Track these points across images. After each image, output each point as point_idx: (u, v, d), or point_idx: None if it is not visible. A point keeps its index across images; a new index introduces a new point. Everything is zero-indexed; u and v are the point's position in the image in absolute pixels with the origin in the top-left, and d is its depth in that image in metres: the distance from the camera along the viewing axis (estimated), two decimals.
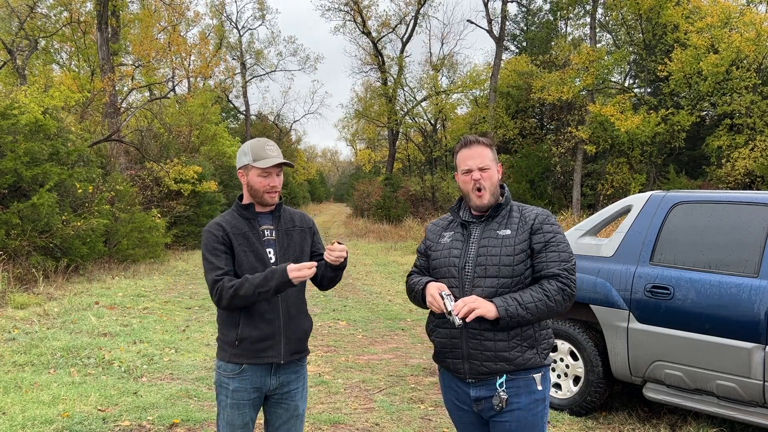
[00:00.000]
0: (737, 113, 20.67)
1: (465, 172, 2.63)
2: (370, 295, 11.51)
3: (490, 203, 2.61)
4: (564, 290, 2.47)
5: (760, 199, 4.45)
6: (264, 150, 2.76)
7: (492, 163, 2.63)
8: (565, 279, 2.49)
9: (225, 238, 2.72)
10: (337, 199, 70.11)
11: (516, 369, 2.50)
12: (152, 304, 9.60)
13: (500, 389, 2.50)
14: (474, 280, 2.53)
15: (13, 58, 20.24)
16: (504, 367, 2.50)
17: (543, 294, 2.45)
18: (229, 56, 41.54)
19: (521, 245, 2.53)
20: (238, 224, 2.78)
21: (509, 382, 2.51)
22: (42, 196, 10.27)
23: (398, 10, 47.03)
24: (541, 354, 2.55)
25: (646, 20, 23.86)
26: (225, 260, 2.70)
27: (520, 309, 2.42)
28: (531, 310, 2.43)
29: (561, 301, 2.47)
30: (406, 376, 6.25)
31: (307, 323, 2.88)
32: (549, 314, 2.48)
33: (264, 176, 2.75)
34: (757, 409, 4.18)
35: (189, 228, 18.73)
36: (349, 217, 34.89)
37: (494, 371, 2.51)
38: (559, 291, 2.46)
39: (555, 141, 26.69)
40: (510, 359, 2.49)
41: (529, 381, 2.52)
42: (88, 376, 5.84)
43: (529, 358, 2.51)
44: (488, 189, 2.61)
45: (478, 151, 2.62)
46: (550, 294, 2.45)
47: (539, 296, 2.45)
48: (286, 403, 2.84)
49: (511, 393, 2.50)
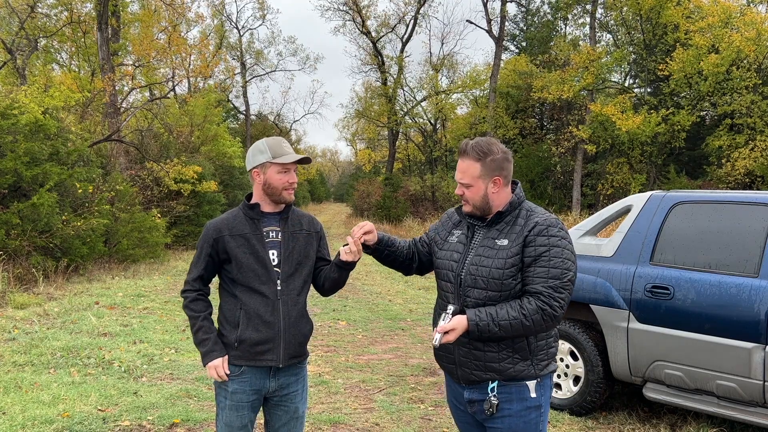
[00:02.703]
0: (737, 113, 20.67)
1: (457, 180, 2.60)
2: (370, 295, 11.51)
3: (476, 213, 2.56)
4: (544, 310, 2.34)
5: (760, 199, 4.44)
6: (281, 147, 2.78)
7: (476, 180, 2.50)
8: (547, 298, 2.35)
9: (219, 240, 2.75)
10: (337, 199, 70.15)
11: (507, 378, 2.45)
12: (152, 304, 9.60)
13: (491, 394, 2.45)
14: (465, 290, 2.49)
15: (13, 57, 20.23)
16: (494, 376, 2.45)
17: (520, 312, 2.34)
18: (229, 56, 41.56)
19: (513, 258, 2.42)
20: (239, 225, 2.77)
21: (501, 388, 2.46)
22: (42, 196, 10.27)
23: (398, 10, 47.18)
24: (537, 365, 2.46)
25: (647, 20, 23.85)
26: (205, 264, 2.80)
27: (492, 325, 2.34)
28: (504, 327, 2.34)
29: (540, 321, 2.35)
30: (406, 376, 6.25)
31: (308, 327, 2.86)
32: (526, 333, 2.38)
33: (284, 172, 2.76)
34: (757, 409, 4.18)
35: (189, 228, 18.72)
36: (349, 217, 34.90)
37: (484, 379, 2.47)
38: (538, 311, 2.34)
39: (555, 141, 26.69)
40: (500, 370, 2.44)
41: (522, 388, 2.45)
42: (88, 376, 5.84)
43: (521, 370, 2.44)
44: (471, 203, 2.54)
45: (464, 166, 2.53)
46: (528, 313, 2.34)
47: (515, 314, 2.34)
48: (285, 405, 2.84)
49: (503, 399, 2.45)
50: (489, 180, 2.50)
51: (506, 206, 2.53)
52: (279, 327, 2.73)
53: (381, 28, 35.12)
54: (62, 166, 11.62)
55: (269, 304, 2.71)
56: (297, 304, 2.79)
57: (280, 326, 2.73)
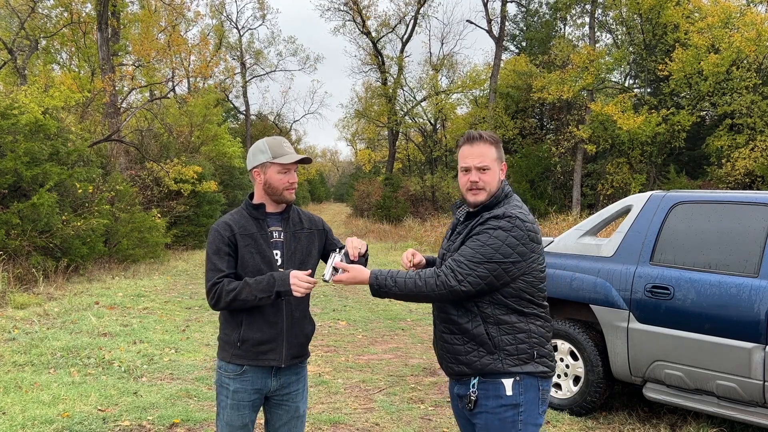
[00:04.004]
0: (737, 113, 20.68)
1: (464, 170, 2.55)
2: (370, 295, 11.50)
3: (487, 202, 2.53)
4: (439, 276, 2.41)
5: (760, 199, 4.45)
6: (282, 147, 2.77)
7: (494, 163, 2.52)
8: (447, 267, 2.42)
9: (232, 239, 2.71)
10: (337, 199, 70.08)
11: (479, 373, 2.48)
12: (152, 304, 9.60)
13: (472, 389, 2.50)
14: None
15: (13, 58, 20.23)
16: (464, 370, 2.51)
17: (417, 275, 2.45)
18: (229, 56, 41.51)
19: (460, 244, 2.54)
20: (246, 224, 2.76)
21: (481, 384, 2.50)
22: (42, 196, 10.27)
23: (398, 10, 47.21)
24: (505, 361, 2.44)
25: (646, 20, 23.86)
26: (227, 262, 2.69)
27: (389, 280, 2.46)
28: (400, 285, 2.44)
29: (433, 286, 2.41)
30: (406, 376, 6.25)
31: (310, 327, 2.87)
32: (418, 293, 2.44)
33: (284, 173, 2.75)
34: (757, 409, 4.18)
35: (189, 228, 18.72)
36: (349, 217, 34.88)
37: (458, 373, 2.54)
38: (434, 275, 2.43)
39: (555, 141, 26.70)
40: (467, 363, 2.49)
41: (497, 385, 2.47)
42: (88, 376, 5.84)
43: (486, 364, 2.45)
44: (487, 190, 2.52)
45: (480, 150, 2.51)
46: (422, 275, 2.44)
47: (413, 275, 2.46)
48: (286, 404, 2.84)
49: (481, 395, 2.49)
50: (499, 165, 2.57)
51: (487, 201, 2.54)
52: (282, 327, 2.73)
53: (381, 28, 35.14)
54: (62, 166, 11.62)
55: (272, 304, 2.70)
56: (300, 305, 2.80)
57: (283, 326, 2.73)
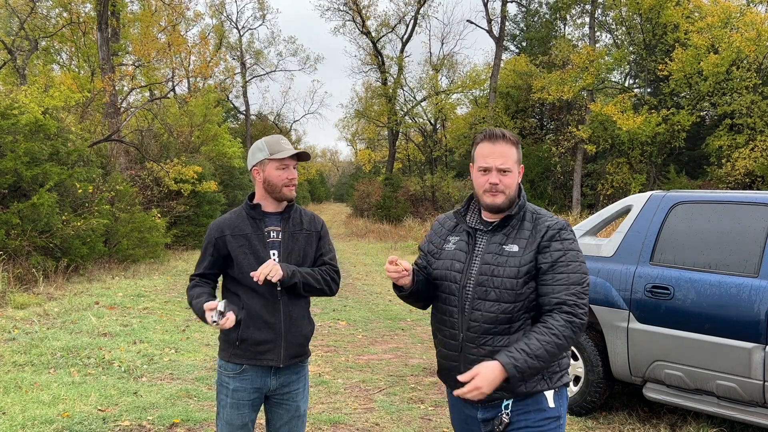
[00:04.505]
0: (737, 113, 20.68)
1: (482, 170, 2.32)
2: (370, 295, 11.51)
3: (504, 205, 2.32)
4: (572, 322, 2.19)
5: (760, 199, 4.44)
6: (279, 144, 2.78)
7: (515, 166, 2.32)
8: (572, 307, 2.20)
9: (220, 240, 2.77)
10: (337, 199, 70.05)
11: (518, 395, 2.28)
12: (152, 304, 9.60)
13: (504, 411, 2.29)
14: (474, 302, 2.29)
15: (13, 58, 20.22)
16: (502, 395, 2.26)
17: (551, 335, 2.16)
18: (229, 56, 41.54)
19: (527, 266, 2.25)
20: (241, 225, 2.77)
21: (516, 405, 2.29)
22: (42, 196, 10.27)
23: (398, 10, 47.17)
24: (549, 379, 2.30)
25: (646, 20, 23.86)
26: (208, 262, 2.81)
27: (530, 360, 2.14)
28: (542, 357, 2.15)
29: (571, 336, 2.19)
30: (406, 376, 6.25)
31: (309, 328, 2.86)
32: (561, 353, 2.22)
33: (282, 169, 2.75)
34: (757, 409, 4.18)
35: (189, 228, 18.71)
36: (349, 217, 34.88)
37: (495, 398, 2.28)
38: (567, 325, 2.18)
39: (555, 141, 26.71)
40: (509, 389, 2.24)
41: (538, 398, 2.29)
42: (88, 376, 5.84)
43: (533, 386, 2.27)
44: (507, 194, 2.31)
45: (502, 150, 2.30)
46: (558, 332, 2.17)
47: (547, 338, 2.16)
48: (287, 403, 2.84)
49: (519, 412, 2.29)
50: (518, 168, 2.35)
51: (515, 208, 2.34)
52: (280, 328, 2.73)
53: (381, 28, 35.13)
54: (62, 166, 11.61)
55: (270, 304, 2.71)
56: (298, 305, 2.79)
57: (281, 327, 2.73)
